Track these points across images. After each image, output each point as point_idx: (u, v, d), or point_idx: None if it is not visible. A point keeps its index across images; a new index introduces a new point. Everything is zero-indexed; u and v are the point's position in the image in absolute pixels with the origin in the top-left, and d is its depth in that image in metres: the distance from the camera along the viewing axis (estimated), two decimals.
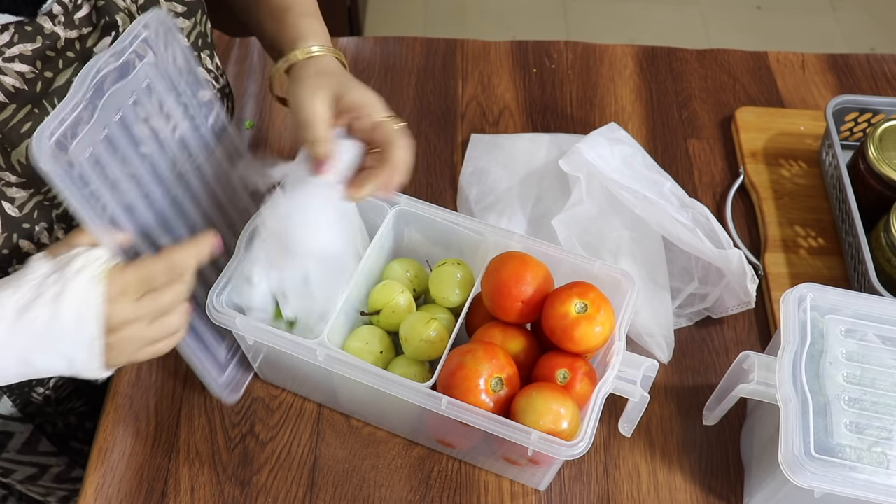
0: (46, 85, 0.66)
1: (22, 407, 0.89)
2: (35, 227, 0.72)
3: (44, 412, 0.92)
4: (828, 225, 1.04)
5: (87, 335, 0.62)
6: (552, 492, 0.84)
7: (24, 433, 0.92)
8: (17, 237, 0.71)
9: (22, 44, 0.64)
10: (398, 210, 0.85)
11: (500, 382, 0.75)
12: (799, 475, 0.67)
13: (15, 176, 0.68)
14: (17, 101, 0.65)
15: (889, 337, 0.76)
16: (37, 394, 0.89)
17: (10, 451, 0.93)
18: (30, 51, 0.64)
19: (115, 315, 0.63)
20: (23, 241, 0.71)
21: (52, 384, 0.90)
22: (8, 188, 0.68)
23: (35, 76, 0.65)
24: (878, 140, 0.99)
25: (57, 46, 0.66)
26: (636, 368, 0.74)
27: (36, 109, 0.66)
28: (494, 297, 0.80)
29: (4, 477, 0.98)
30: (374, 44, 1.25)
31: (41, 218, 0.72)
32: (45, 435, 0.95)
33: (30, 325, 0.60)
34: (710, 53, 1.25)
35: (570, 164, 1.00)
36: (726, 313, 0.96)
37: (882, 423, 0.70)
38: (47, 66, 0.66)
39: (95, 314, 0.62)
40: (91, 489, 0.83)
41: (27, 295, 0.61)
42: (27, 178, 0.68)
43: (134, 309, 0.64)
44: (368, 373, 0.75)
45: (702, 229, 0.94)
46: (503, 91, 1.19)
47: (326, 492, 0.84)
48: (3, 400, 0.87)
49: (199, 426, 0.87)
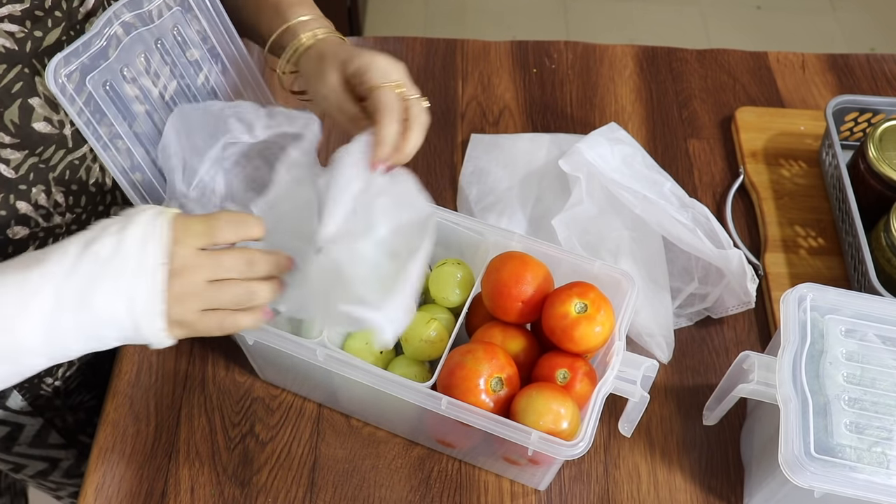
0: (36, 44, 0.67)
1: (31, 400, 0.89)
2: (32, 189, 0.72)
3: (53, 406, 0.92)
4: (828, 225, 1.04)
5: (151, 263, 0.61)
6: (552, 492, 0.84)
7: (34, 426, 0.92)
8: (14, 199, 0.71)
9: (11, 4, 0.64)
10: None
11: (500, 382, 0.75)
12: (799, 475, 0.67)
13: (9, 136, 0.68)
14: (7, 62, 0.65)
15: (889, 337, 0.76)
16: (46, 385, 0.89)
17: (22, 444, 0.93)
18: (18, 11, 0.65)
19: (178, 254, 0.62)
20: (20, 203, 0.72)
21: (60, 374, 0.90)
22: (3, 149, 0.69)
23: (24, 35, 0.66)
24: (878, 140, 0.99)
25: (45, 6, 0.66)
26: (636, 368, 0.74)
27: (26, 69, 0.67)
28: (494, 297, 0.80)
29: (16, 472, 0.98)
30: (374, 44, 1.25)
31: (37, 180, 0.72)
32: (55, 428, 0.95)
33: (94, 256, 0.60)
34: (710, 53, 1.25)
35: (570, 164, 1.00)
36: (726, 313, 0.96)
37: (882, 423, 0.70)
38: (36, 26, 0.66)
39: (159, 242, 0.61)
40: (91, 489, 0.83)
41: (93, 232, 0.62)
42: (21, 138, 0.69)
43: (196, 254, 0.63)
44: (368, 373, 0.75)
45: (702, 229, 0.94)
46: (503, 91, 1.19)
47: (326, 492, 0.84)
48: (14, 395, 0.87)
49: (199, 426, 0.87)
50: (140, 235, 0.61)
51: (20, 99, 0.67)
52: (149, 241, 0.61)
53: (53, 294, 0.60)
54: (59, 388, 0.91)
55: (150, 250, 0.61)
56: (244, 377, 0.91)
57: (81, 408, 0.97)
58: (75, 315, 0.61)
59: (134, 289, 0.61)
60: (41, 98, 0.69)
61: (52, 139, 0.71)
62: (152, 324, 0.63)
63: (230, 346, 0.91)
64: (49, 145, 0.71)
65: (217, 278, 0.64)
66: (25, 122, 0.68)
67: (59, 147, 0.72)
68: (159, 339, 0.64)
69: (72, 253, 0.61)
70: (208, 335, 0.67)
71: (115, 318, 0.62)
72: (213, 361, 0.92)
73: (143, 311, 0.62)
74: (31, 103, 0.68)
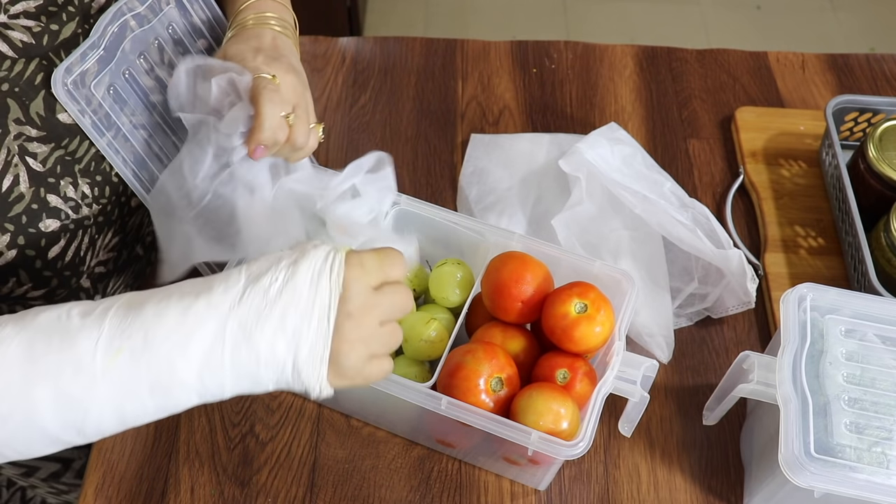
0: (53, 38, 0.69)
1: None
2: (60, 182, 0.73)
3: None
4: (828, 225, 1.04)
5: (323, 302, 0.56)
6: (552, 492, 0.84)
7: None
8: (45, 192, 0.72)
9: (24, 1, 0.66)
10: (398, 210, 0.85)
11: (500, 382, 0.75)
12: (799, 475, 0.67)
13: (35, 129, 0.69)
14: (26, 55, 0.67)
15: (889, 337, 0.76)
16: None
17: None
18: (33, 7, 0.66)
19: (353, 290, 0.57)
20: (50, 196, 0.72)
21: None
22: (30, 143, 0.69)
23: (41, 30, 0.67)
24: (877, 140, 0.99)
25: (58, 1, 0.68)
26: (636, 368, 0.74)
27: (45, 62, 0.69)
28: (494, 297, 0.80)
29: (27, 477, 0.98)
30: (374, 44, 1.25)
31: (65, 173, 0.73)
32: None
33: (262, 291, 0.56)
34: (710, 53, 1.25)
35: (570, 164, 1.00)
36: (726, 313, 0.96)
37: (882, 423, 0.70)
38: (52, 20, 0.68)
39: (335, 280, 0.57)
40: (91, 489, 0.83)
41: (262, 266, 0.58)
42: (47, 131, 0.70)
43: (370, 294, 0.58)
44: None
45: (702, 229, 0.94)
46: (503, 91, 1.19)
47: (326, 492, 0.84)
48: None
49: (199, 426, 0.87)
50: (313, 272, 0.57)
51: (43, 90, 0.69)
52: (322, 278, 0.57)
53: (216, 328, 0.55)
54: None
55: (322, 289, 0.56)
56: None
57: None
58: (235, 352, 0.56)
59: (301, 331, 0.56)
60: None
61: (76, 130, 0.72)
62: (316, 371, 0.57)
63: None
64: (74, 136, 0.72)
65: (387, 319, 0.60)
66: (50, 114, 0.70)
67: (84, 138, 0.73)
68: (320, 387, 0.58)
69: (239, 285, 0.57)
70: (366, 385, 0.62)
71: (277, 358, 0.57)
72: None
73: (308, 354, 0.57)
74: (53, 94, 0.69)
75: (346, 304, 0.57)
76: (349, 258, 0.59)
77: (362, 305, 0.58)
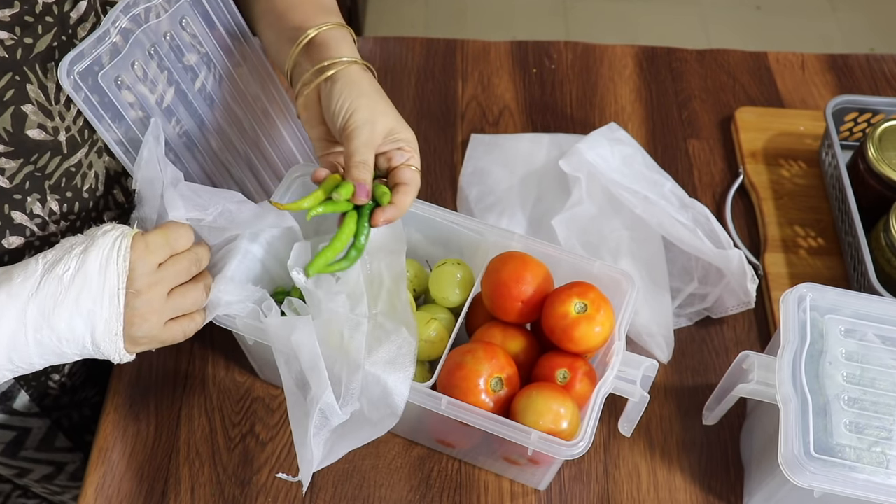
0: (27, 52, 0.66)
1: (39, 400, 0.89)
2: (27, 198, 0.72)
3: (60, 404, 0.92)
4: (827, 225, 1.04)
5: (111, 285, 0.65)
6: (552, 492, 0.85)
7: (41, 429, 0.92)
8: (10, 208, 0.71)
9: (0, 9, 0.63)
10: None
11: (500, 382, 0.75)
12: (799, 475, 0.67)
13: (2, 145, 0.68)
14: None
15: (889, 337, 0.76)
16: (53, 381, 0.89)
17: (28, 449, 0.93)
18: (8, 16, 0.63)
19: (139, 271, 0.66)
20: (15, 213, 0.71)
21: (66, 370, 0.90)
22: None
23: (14, 42, 0.65)
24: (877, 140, 0.99)
25: (35, 11, 0.65)
26: (636, 368, 0.74)
27: (17, 77, 0.66)
28: (494, 297, 0.80)
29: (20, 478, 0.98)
30: (374, 44, 1.25)
31: (33, 189, 0.72)
32: (62, 430, 0.95)
33: (56, 279, 0.64)
34: (709, 53, 1.25)
35: (570, 165, 1.00)
36: (726, 313, 0.96)
37: (882, 423, 0.70)
38: (26, 32, 0.65)
39: (121, 264, 0.65)
40: (91, 489, 0.83)
41: (56, 254, 0.66)
42: (15, 146, 0.68)
43: (154, 272, 0.67)
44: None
45: (702, 229, 0.95)
46: (503, 91, 1.19)
47: (326, 492, 0.84)
48: (21, 395, 0.86)
49: (199, 426, 0.87)
50: (102, 259, 0.65)
51: (13, 106, 0.66)
52: (110, 264, 0.65)
53: (17, 315, 0.63)
54: (66, 385, 0.91)
55: (110, 274, 0.65)
56: (244, 377, 0.91)
57: (87, 404, 0.96)
58: (37, 334, 0.64)
59: (95, 312, 0.65)
60: (34, 105, 0.68)
61: (47, 146, 0.70)
62: (113, 344, 0.67)
63: (230, 345, 0.92)
64: (44, 152, 0.71)
65: (175, 286, 0.69)
66: (19, 130, 0.68)
67: (55, 154, 0.71)
68: (119, 356, 0.68)
69: (36, 274, 0.64)
70: (173, 343, 0.71)
71: (76, 336, 0.65)
72: (213, 361, 0.92)
73: (103, 332, 0.66)
74: (23, 110, 0.67)
75: (134, 283, 0.66)
76: (135, 241, 0.67)
77: (148, 282, 0.67)
